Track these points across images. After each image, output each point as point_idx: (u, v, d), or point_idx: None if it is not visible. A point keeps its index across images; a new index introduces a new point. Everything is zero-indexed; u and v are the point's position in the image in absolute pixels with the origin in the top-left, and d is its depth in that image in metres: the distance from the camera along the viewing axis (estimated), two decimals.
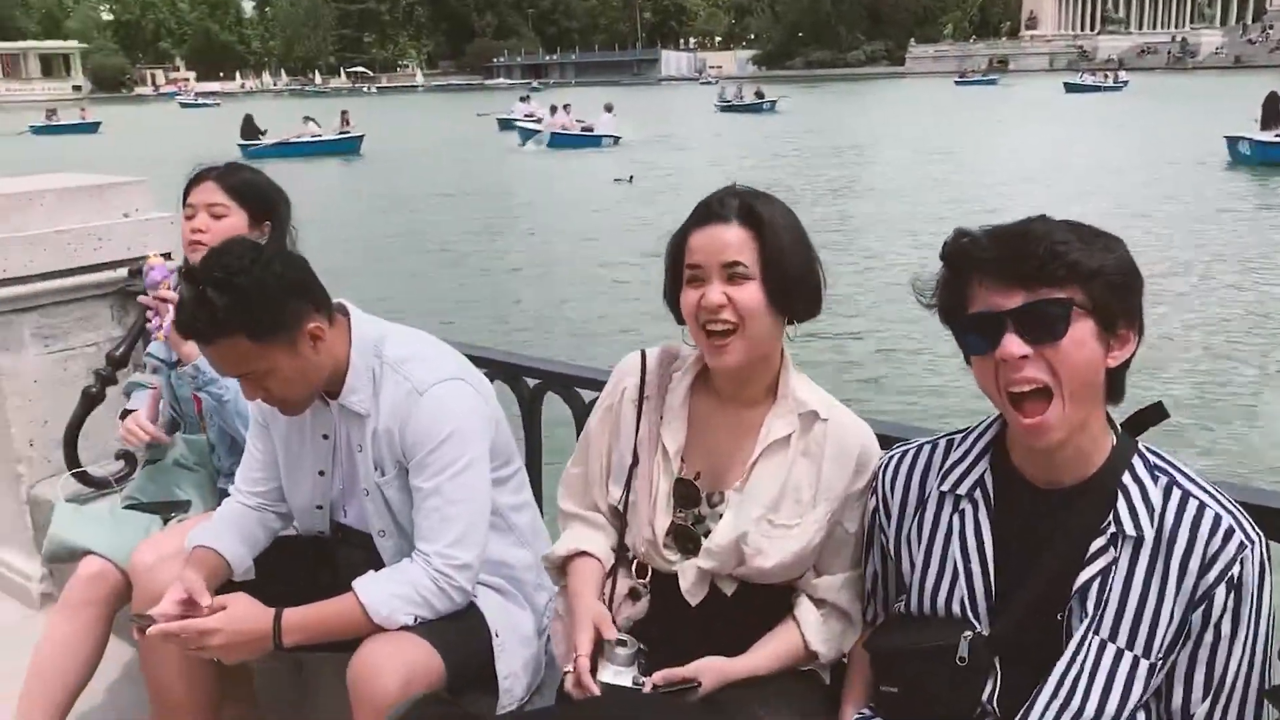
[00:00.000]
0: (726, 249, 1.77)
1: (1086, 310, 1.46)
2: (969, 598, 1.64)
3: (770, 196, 1.85)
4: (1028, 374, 1.46)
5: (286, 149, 33.77)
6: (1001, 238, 1.48)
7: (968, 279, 1.52)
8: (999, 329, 1.47)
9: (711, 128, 45.51)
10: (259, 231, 2.81)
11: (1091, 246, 1.47)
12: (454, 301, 13.73)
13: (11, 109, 77.67)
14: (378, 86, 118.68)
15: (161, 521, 2.72)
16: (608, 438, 2.06)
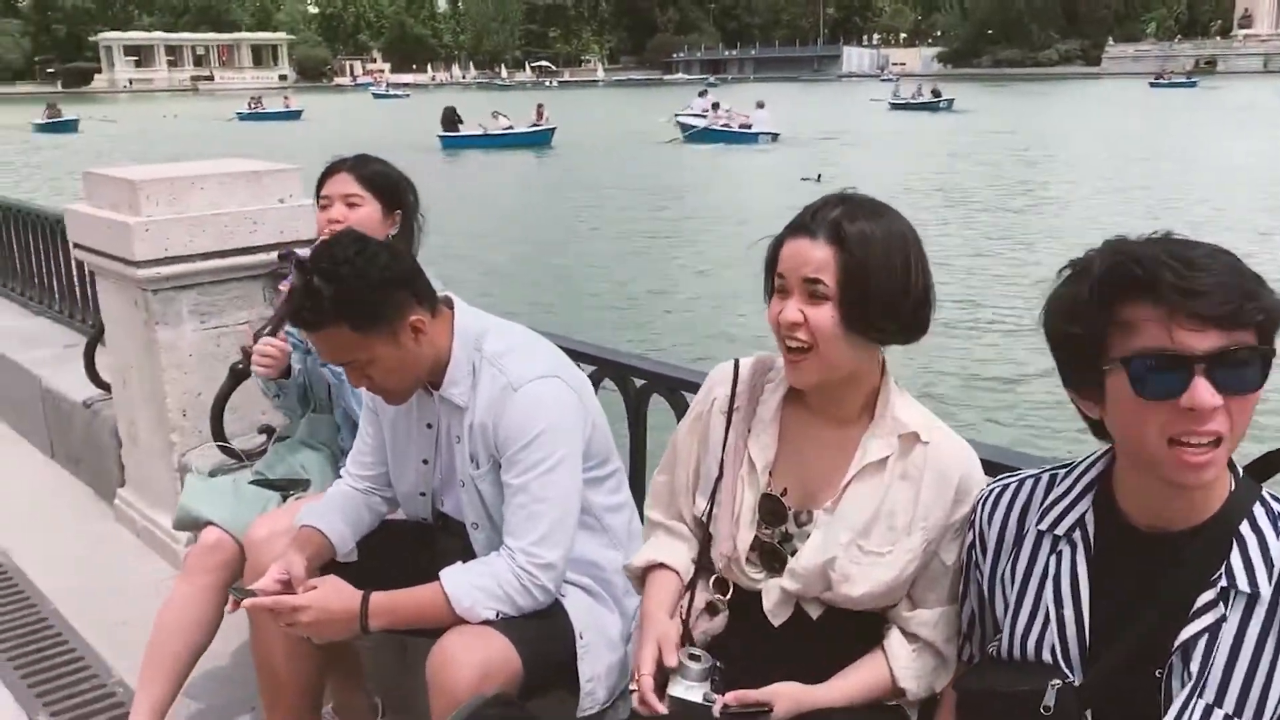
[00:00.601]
0: (807, 265, 1.69)
1: (1269, 355, 1.31)
2: (1060, 645, 1.52)
3: (877, 210, 1.74)
4: (1212, 426, 1.30)
5: (484, 140, 34.72)
6: (1195, 268, 1.28)
7: (1126, 300, 1.33)
8: (1187, 373, 1.28)
9: (881, 126, 44.56)
10: (391, 221, 2.89)
11: (1269, 290, 1.31)
12: (625, 296, 13.75)
13: (224, 96, 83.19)
14: (559, 81, 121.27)
15: (281, 498, 2.83)
16: (695, 447, 2.01)
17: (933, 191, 23.33)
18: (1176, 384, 1.30)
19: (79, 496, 4.59)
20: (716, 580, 1.94)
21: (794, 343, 1.72)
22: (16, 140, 41.86)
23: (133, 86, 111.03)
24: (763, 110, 36.55)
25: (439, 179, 28.56)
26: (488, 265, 16.04)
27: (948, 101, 53.43)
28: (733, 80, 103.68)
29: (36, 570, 3.89)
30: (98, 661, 3.27)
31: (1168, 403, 1.31)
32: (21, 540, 4.15)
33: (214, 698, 3.00)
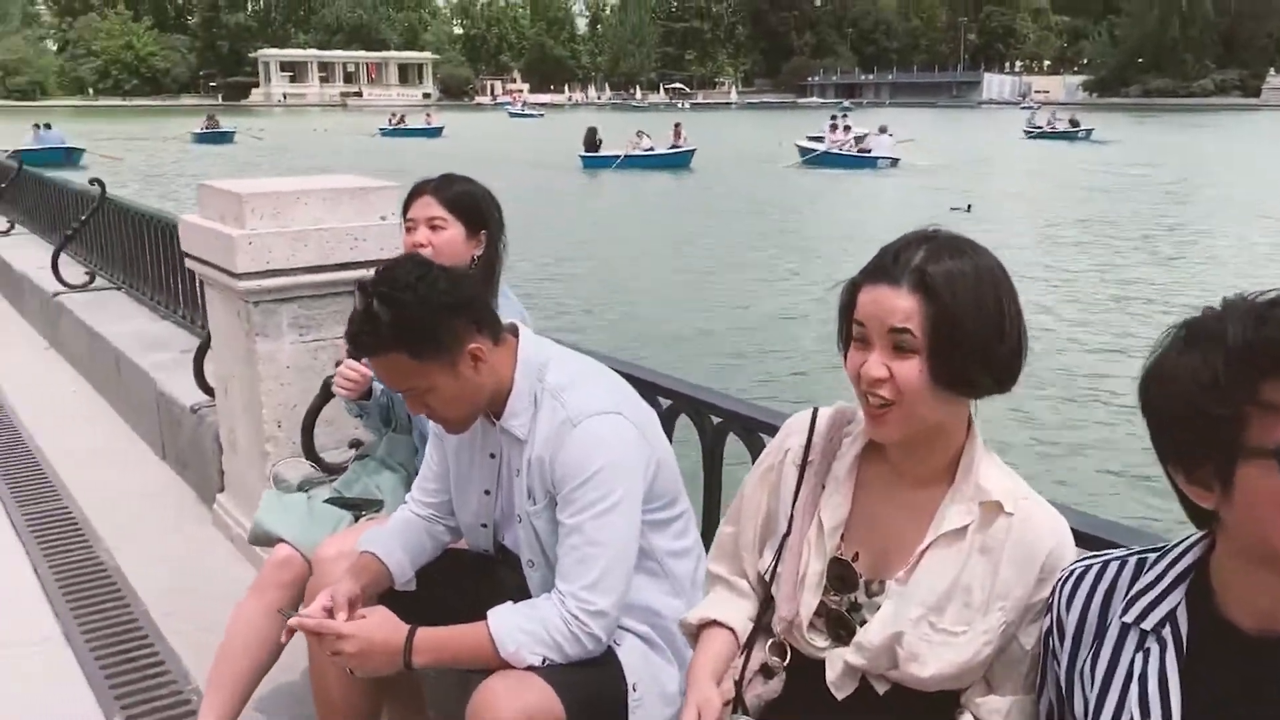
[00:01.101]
0: (892, 315, 1.53)
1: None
2: None
3: (962, 247, 1.57)
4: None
5: (625, 161, 34.80)
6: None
7: (1275, 381, 1.13)
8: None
9: (1011, 155, 43.24)
10: (475, 242, 2.85)
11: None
12: (731, 327, 13.53)
13: (370, 112, 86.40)
14: (691, 103, 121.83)
15: (353, 518, 2.81)
16: (765, 499, 1.87)
17: (1059, 227, 22.39)
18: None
19: (183, 499, 4.71)
20: (775, 643, 1.80)
21: (877, 399, 1.58)
22: (176, 149, 44.25)
23: (287, 101, 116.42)
24: (884, 135, 35.86)
25: (577, 197, 28.95)
26: (601, 284, 16.10)
27: (1086, 131, 51.41)
28: (868, 105, 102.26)
29: (135, 570, 3.99)
30: (177, 667, 3.31)
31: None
32: (126, 539, 4.27)
33: (279, 714, 2.99)
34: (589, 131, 36.29)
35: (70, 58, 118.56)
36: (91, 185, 7.25)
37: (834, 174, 33.40)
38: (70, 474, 4.98)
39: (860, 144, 35.96)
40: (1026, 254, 18.39)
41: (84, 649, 3.40)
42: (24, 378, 6.64)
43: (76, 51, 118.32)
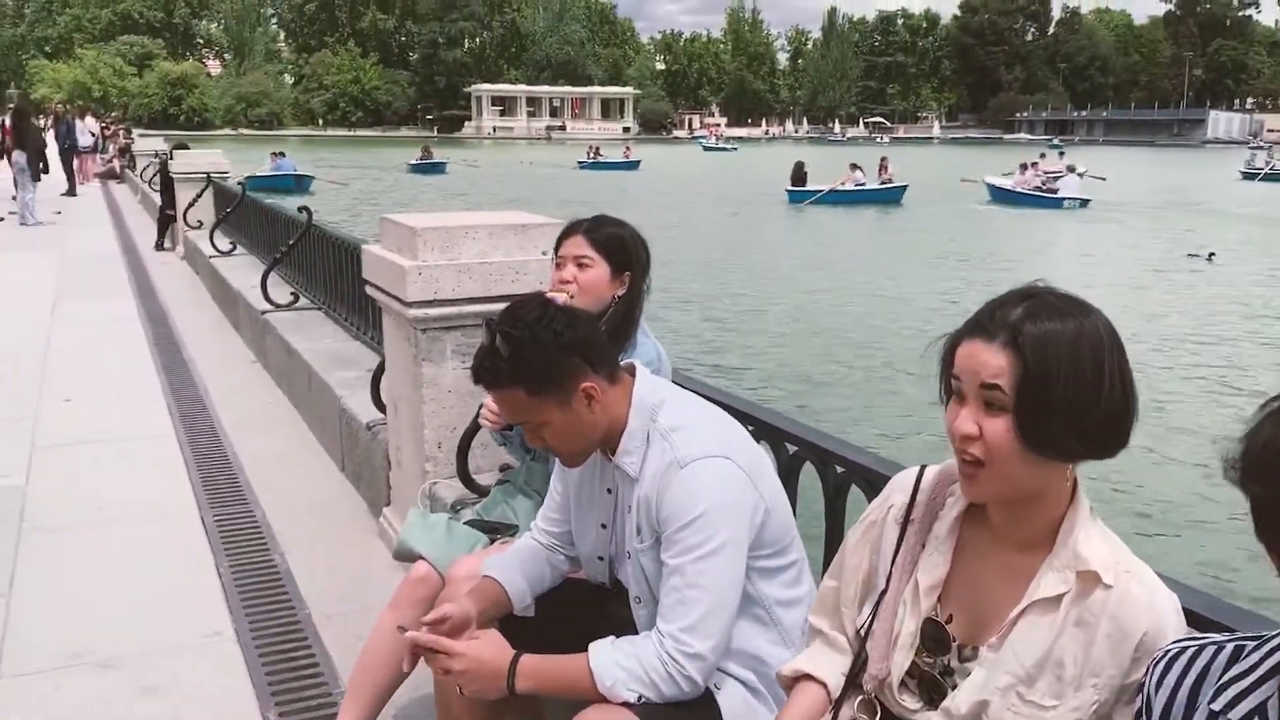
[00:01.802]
0: (984, 370, 1.51)
1: None
2: None
3: (1066, 308, 1.52)
4: None
5: (832, 196, 34.28)
6: None
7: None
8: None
9: (1224, 198, 40.21)
10: (620, 282, 2.93)
11: None
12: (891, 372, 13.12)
13: (573, 145, 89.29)
14: (891, 137, 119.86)
15: (488, 541, 2.92)
16: (867, 555, 1.86)
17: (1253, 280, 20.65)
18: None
19: (355, 511, 5.00)
20: (865, 700, 1.78)
21: (967, 456, 1.56)
22: (393, 178, 47.02)
23: (495, 133, 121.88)
24: (1071, 175, 34.75)
25: (775, 232, 28.83)
26: (786, 320, 16.02)
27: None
28: (1080, 142, 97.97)
29: (304, 574, 4.27)
30: (330, 671, 3.51)
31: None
32: (300, 544, 4.58)
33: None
34: (796, 166, 35.84)
35: (304, 91, 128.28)
36: (300, 212, 7.82)
37: (1019, 213, 32.30)
38: (259, 480, 5.38)
39: (1048, 184, 34.95)
40: (1249, 305, 17.14)
41: (250, 646, 3.66)
42: (231, 388, 7.22)
43: (310, 85, 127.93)
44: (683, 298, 17.21)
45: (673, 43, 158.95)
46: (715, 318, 15.89)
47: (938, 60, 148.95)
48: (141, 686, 3.39)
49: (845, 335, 14.65)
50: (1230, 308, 16.75)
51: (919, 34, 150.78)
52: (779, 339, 14.47)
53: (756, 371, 12.77)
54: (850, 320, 15.74)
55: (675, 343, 13.88)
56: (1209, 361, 13.32)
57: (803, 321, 15.77)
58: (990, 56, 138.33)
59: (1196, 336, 14.33)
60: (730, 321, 15.76)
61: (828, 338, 14.53)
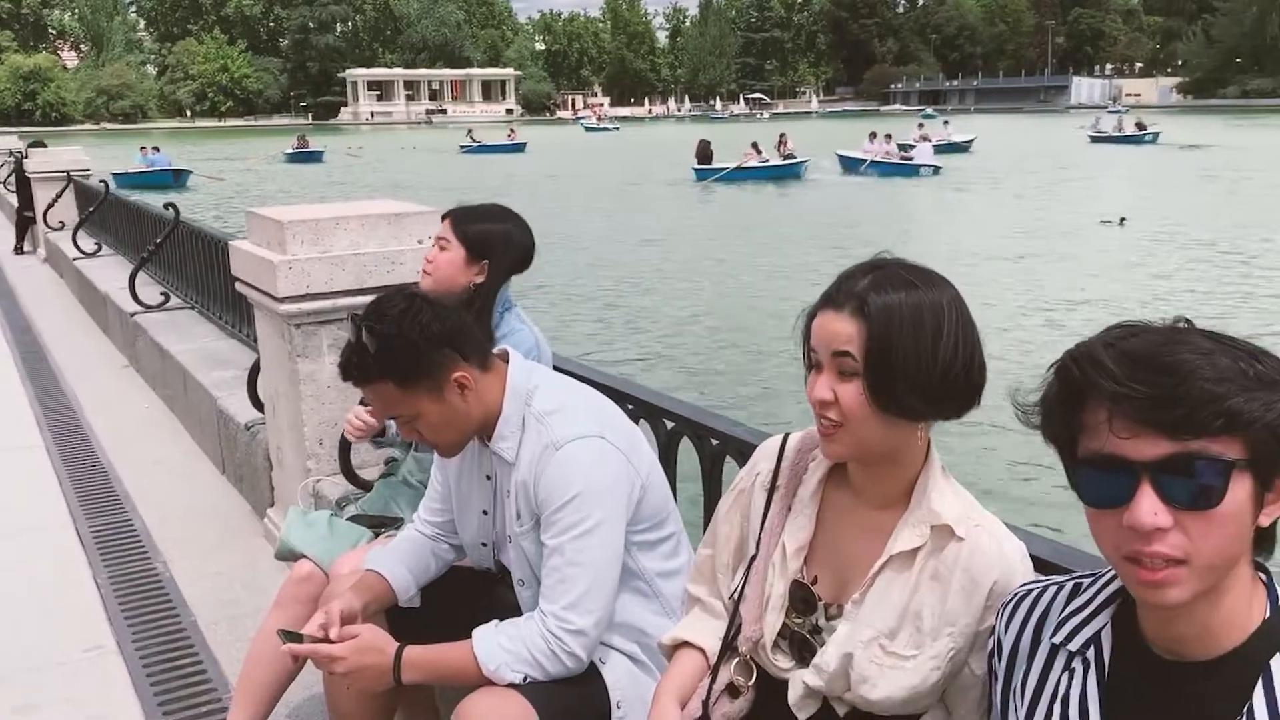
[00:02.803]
0: (835, 339, 1.58)
1: (1244, 469, 1.14)
2: None
3: (909, 279, 1.60)
4: (1161, 549, 1.15)
5: (738, 173, 34.47)
6: (1138, 367, 1.15)
7: (1084, 403, 1.21)
8: (1131, 482, 1.16)
9: (1072, 160, 42.17)
10: (476, 268, 2.92)
11: (1254, 387, 1.13)
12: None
13: (455, 129, 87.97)
14: (772, 113, 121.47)
15: (372, 535, 2.91)
16: (738, 522, 1.92)
17: (1095, 235, 21.70)
18: (1118, 493, 1.17)
19: (238, 514, 4.90)
20: (742, 662, 1.84)
21: (825, 420, 1.63)
22: (268, 169, 45.65)
23: (374, 119, 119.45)
24: (925, 144, 36.52)
25: (687, 210, 28.75)
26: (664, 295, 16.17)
27: (1153, 135, 50.89)
28: (952, 111, 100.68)
29: (187, 581, 4.17)
30: (219, 676, 3.45)
31: (1114, 515, 1.18)
32: (182, 551, 4.46)
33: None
34: (701, 145, 36.02)
35: (169, 81, 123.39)
36: (166, 209, 7.56)
37: (876, 182, 33.32)
38: (137, 487, 5.22)
39: (904, 152, 36.50)
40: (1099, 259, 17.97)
41: (134, 657, 3.57)
42: (102, 394, 6.97)
43: (175, 75, 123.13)
44: (584, 280, 17.23)
45: (551, 23, 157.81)
46: (617, 301, 15.89)
47: (813, 35, 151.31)
48: (15, 705, 3.27)
49: (740, 312, 14.83)
50: (1125, 273, 17.40)
51: (794, 9, 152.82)
52: (681, 320, 14.55)
53: (654, 349, 12.86)
54: (743, 296, 15.93)
55: (575, 326, 13.90)
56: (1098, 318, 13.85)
57: (701, 299, 15.91)
58: (863, 30, 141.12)
59: (1102, 300, 14.84)
60: (630, 302, 15.80)
61: (724, 315, 14.68)
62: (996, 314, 13.40)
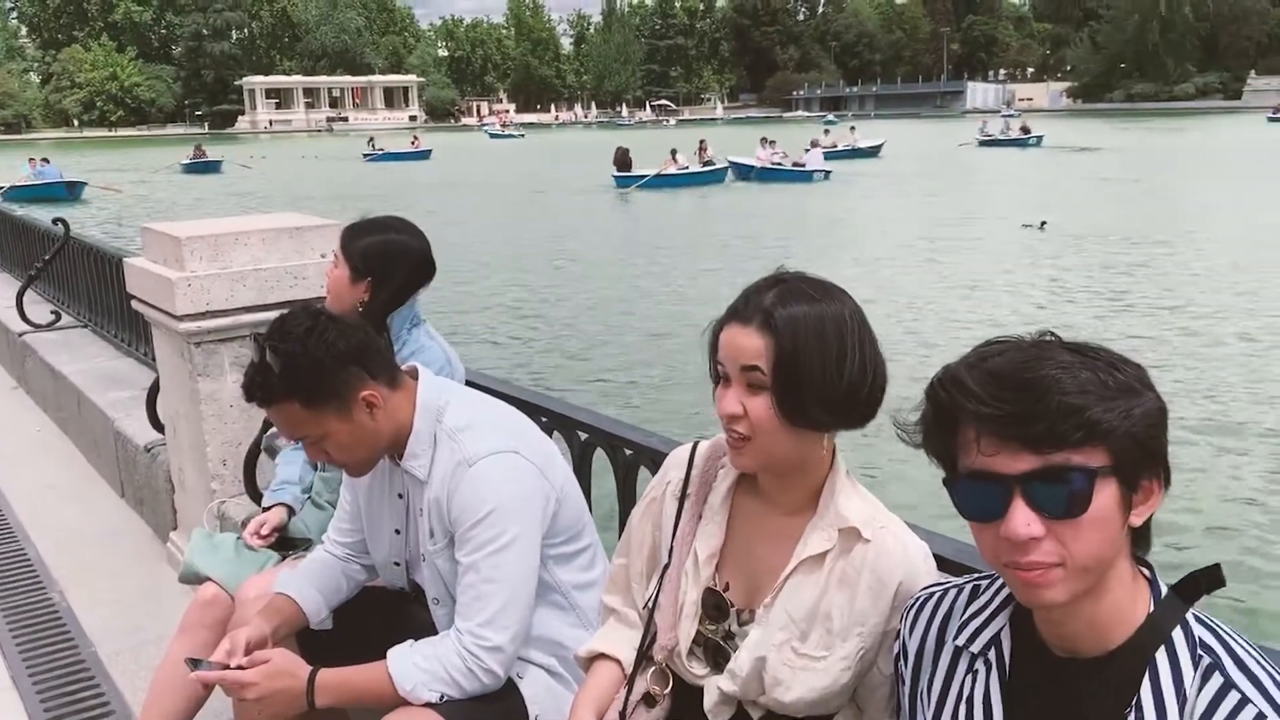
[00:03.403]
0: (743, 354, 1.60)
1: (1108, 475, 1.19)
2: None
3: (812, 292, 1.63)
4: (1037, 557, 1.21)
5: (658, 180, 34.33)
6: (1001, 386, 1.20)
7: (954, 422, 1.26)
8: (1004, 496, 1.21)
9: (958, 163, 44.14)
10: (362, 287, 2.88)
11: (1113, 397, 1.19)
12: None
13: (357, 136, 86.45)
14: (678, 119, 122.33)
15: (279, 558, 2.85)
16: (650, 532, 1.93)
17: (968, 232, 22.65)
18: (993, 507, 1.22)
19: (140, 538, 4.74)
20: (658, 671, 1.85)
21: (734, 433, 1.65)
22: (165, 180, 44.23)
23: (273, 127, 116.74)
24: (815, 150, 37.62)
25: (607, 218, 28.66)
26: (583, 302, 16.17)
27: (1037, 138, 53.72)
28: (853, 116, 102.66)
29: (86, 610, 4.02)
30: (123, 708, 3.34)
31: (991, 528, 1.23)
32: (79, 580, 4.30)
33: None
34: (619, 152, 35.89)
35: (54, 90, 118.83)
36: (55, 224, 7.29)
37: (772, 187, 33.96)
38: (29, 514, 5.01)
39: (795, 159, 37.49)
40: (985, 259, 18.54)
41: (30, 693, 3.43)
42: None
43: (61, 84, 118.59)
44: (500, 293, 17.07)
45: (454, 29, 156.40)
46: (533, 313, 15.77)
47: (716, 42, 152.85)
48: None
49: (657, 321, 14.87)
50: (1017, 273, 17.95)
51: (697, 16, 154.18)
52: (598, 331, 14.50)
53: (571, 362, 12.82)
54: (658, 305, 15.98)
55: (490, 340, 13.76)
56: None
57: (617, 308, 15.90)
58: (765, 37, 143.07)
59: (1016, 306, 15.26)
60: (547, 313, 15.71)
61: (643, 324, 14.71)
62: (922, 320, 13.75)
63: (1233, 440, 9.26)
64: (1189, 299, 15.24)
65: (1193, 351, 12.27)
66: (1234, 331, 13.24)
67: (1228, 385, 10.94)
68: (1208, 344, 12.62)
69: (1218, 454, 8.91)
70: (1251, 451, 9.03)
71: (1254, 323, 13.64)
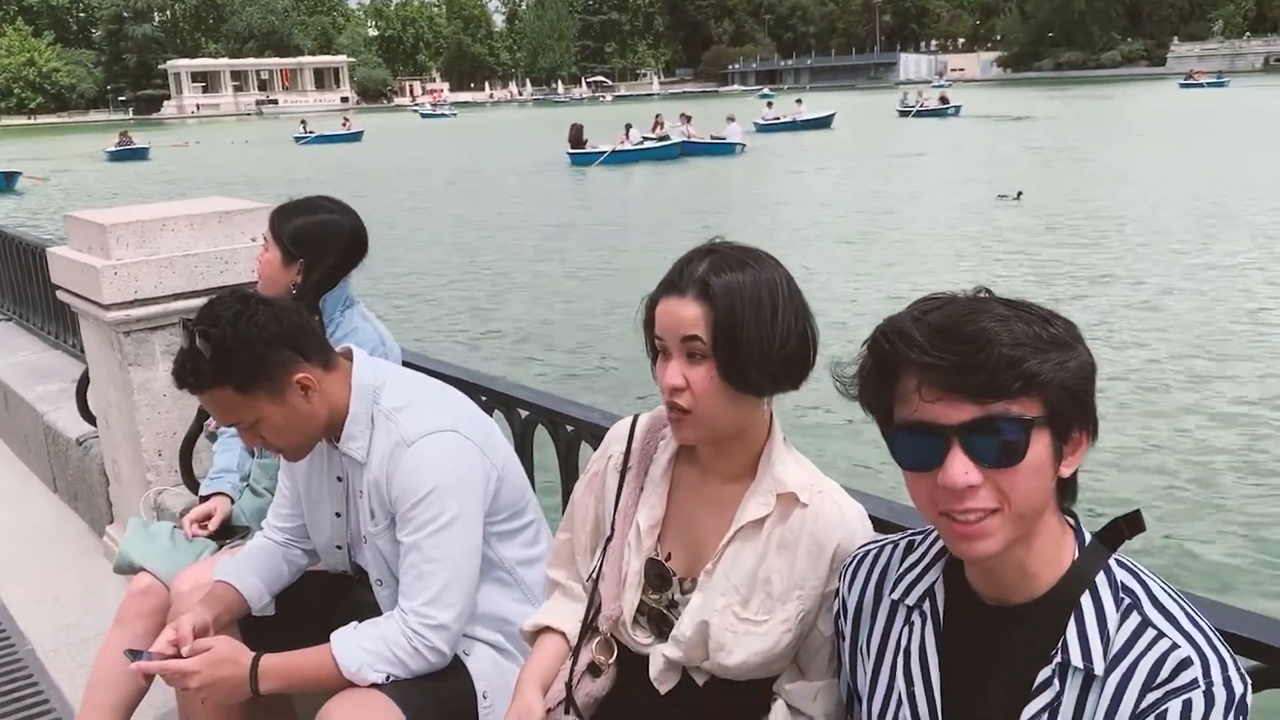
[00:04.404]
0: (682, 324, 1.61)
1: (1043, 425, 1.24)
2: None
3: (744, 259, 1.65)
4: (974, 505, 1.25)
5: (615, 157, 34.20)
6: (942, 337, 1.23)
7: (896, 374, 1.29)
8: (942, 446, 1.25)
9: (875, 132, 45.24)
10: (295, 269, 2.84)
11: (1048, 350, 1.23)
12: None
13: (288, 119, 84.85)
14: (614, 95, 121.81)
15: (216, 547, 2.81)
16: (593, 505, 1.94)
17: (876, 198, 23.21)
18: (931, 456, 1.25)
19: (75, 533, 4.65)
20: (602, 641, 1.87)
21: (676, 406, 1.65)
22: (91, 169, 43.01)
23: (200, 112, 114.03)
24: (734, 123, 37.98)
25: (562, 195, 28.32)
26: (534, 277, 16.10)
27: (955, 108, 55.54)
28: (789, 89, 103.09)
29: (20, 608, 3.94)
30: (63, 705, 3.28)
31: (928, 477, 1.27)
32: (14, 577, 4.21)
33: None
34: (574, 129, 35.59)
35: None
36: None
37: (708, 161, 34.32)
38: None
39: (714, 133, 37.90)
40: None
41: None
42: None
43: None
44: (442, 276, 16.91)
45: (384, 8, 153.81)
46: (473, 295, 15.65)
47: (650, 17, 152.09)
48: None
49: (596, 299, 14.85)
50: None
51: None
52: (539, 313, 14.43)
53: (516, 343, 12.77)
54: (600, 284, 15.96)
55: (436, 325, 13.63)
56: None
57: (557, 289, 15.84)
58: (699, 11, 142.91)
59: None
60: (491, 296, 15.59)
61: (581, 305, 14.68)
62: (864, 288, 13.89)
63: (1156, 395, 9.57)
64: (1113, 256, 15.66)
65: (1116, 308, 12.65)
66: (1157, 287, 13.66)
67: (1152, 338, 11.30)
68: (1130, 303, 12.99)
69: (1139, 404, 9.22)
70: (1171, 405, 9.34)
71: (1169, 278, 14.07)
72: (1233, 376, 9.98)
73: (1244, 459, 8.10)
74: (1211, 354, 10.70)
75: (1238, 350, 10.81)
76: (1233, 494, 7.54)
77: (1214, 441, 8.45)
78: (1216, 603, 1.51)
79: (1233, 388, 9.68)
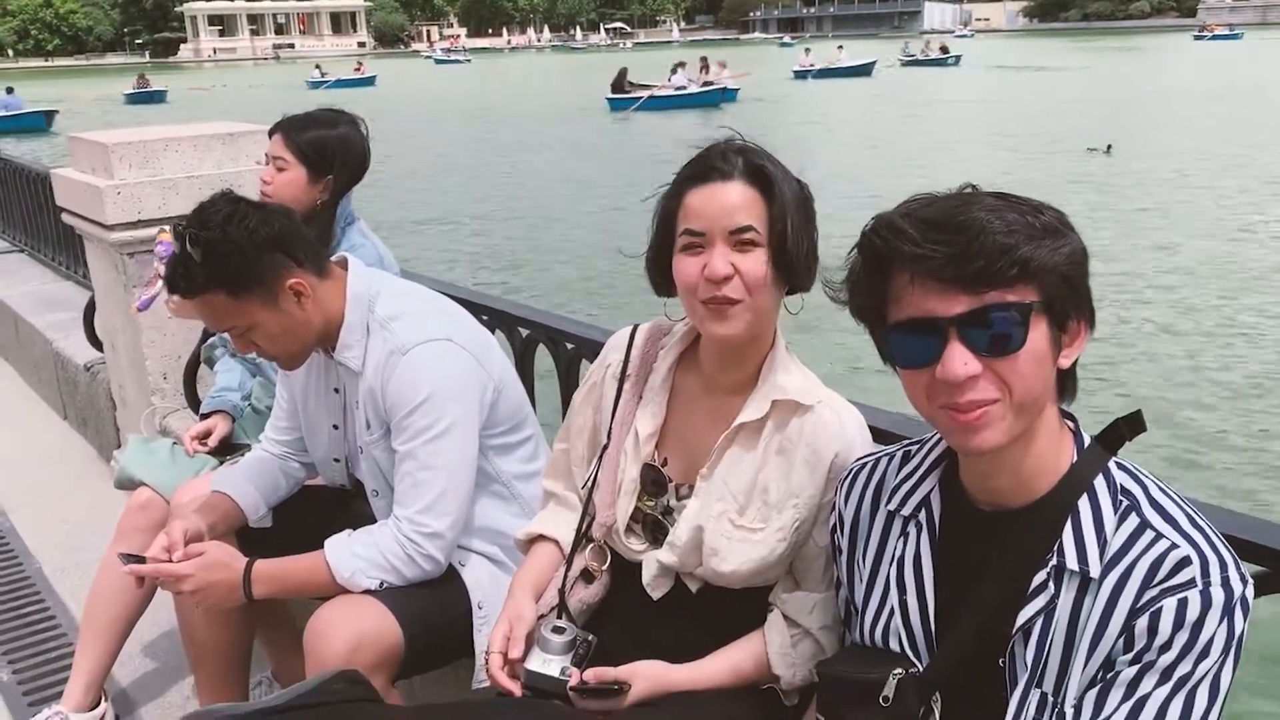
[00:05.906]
0: (734, 212, 1.55)
1: (1040, 312, 1.20)
2: (906, 632, 1.40)
3: (771, 155, 1.62)
4: (975, 396, 1.21)
5: (653, 102, 33.42)
6: (935, 229, 1.20)
7: (888, 272, 1.25)
8: (939, 339, 1.21)
9: (878, 82, 45.20)
10: (321, 186, 2.81)
11: (1040, 236, 1.20)
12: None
13: (304, 63, 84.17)
14: (634, 42, 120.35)
15: (216, 463, 2.81)
16: (590, 415, 1.91)
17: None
18: (929, 351, 1.22)
19: (84, 458, 4.68)
20: (596, 548, 1.85)
21: (723, 299, 1.56)
22: (110, 110, 42.84)
23: (217, 56, 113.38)
24: (724, 71, 37.08)
25: (600, 140, 27.83)
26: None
27: (955, 58, 56.23)
28: (810, 38, 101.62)
29: (30, 529, 3.97)
30: (69, 622, 3.31)
31: (927, 372, 1.23)
32: (23, 500, 4.24)
33: (156, 660, 3.03)
34: (620, 73, 34.83)
35: None
36: None
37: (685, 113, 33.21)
38: None
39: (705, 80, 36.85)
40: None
41: None
42: None
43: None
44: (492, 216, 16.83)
45: None
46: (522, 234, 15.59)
47: None
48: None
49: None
50: None
51: None
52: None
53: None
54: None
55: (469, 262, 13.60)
56: None
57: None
58: None
59: None
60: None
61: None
62: None
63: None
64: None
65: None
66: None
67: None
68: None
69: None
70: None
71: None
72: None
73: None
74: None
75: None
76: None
77: None
78: (1219, 507, 1.47)
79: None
